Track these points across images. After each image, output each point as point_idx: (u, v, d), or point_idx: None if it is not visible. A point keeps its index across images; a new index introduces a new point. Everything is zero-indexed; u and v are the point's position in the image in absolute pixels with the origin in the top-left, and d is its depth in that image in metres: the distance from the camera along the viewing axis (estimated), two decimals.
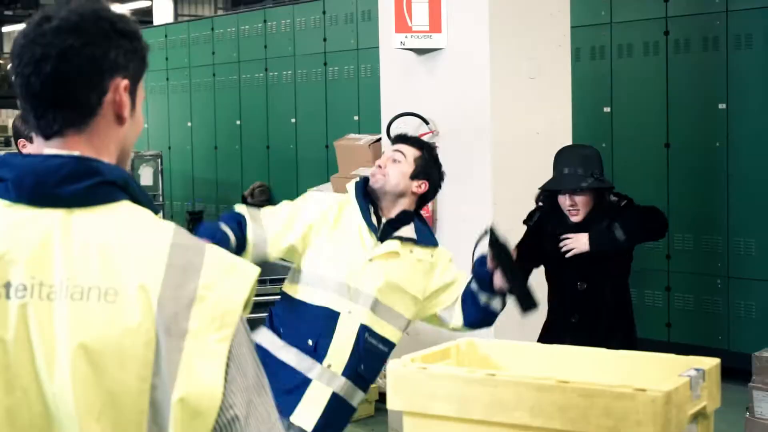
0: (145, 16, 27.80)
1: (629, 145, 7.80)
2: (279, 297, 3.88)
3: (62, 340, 1.51)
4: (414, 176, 3.96)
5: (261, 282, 4.45)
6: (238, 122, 11.40)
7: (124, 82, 1.65)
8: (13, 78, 1.64)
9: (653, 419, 1.83)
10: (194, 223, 11.62)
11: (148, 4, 26.87)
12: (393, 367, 2.06)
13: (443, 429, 2.03)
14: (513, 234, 5.49)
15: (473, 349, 2.28)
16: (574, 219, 4.63)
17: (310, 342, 3.57)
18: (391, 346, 3.70)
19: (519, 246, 4.46)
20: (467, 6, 5.60)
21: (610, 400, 1.87)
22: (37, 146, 1.64)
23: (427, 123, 5.81)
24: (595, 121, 7.84)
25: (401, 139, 4.13)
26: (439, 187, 4.10)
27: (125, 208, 1.60)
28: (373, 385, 7.11)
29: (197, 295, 1.53)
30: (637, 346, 4.47)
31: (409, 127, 5.88)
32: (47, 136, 1.63)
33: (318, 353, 3.54)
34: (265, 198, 10.80)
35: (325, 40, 10.08)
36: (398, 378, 2.04)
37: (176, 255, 1.55)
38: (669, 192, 7.63)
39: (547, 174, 5.72)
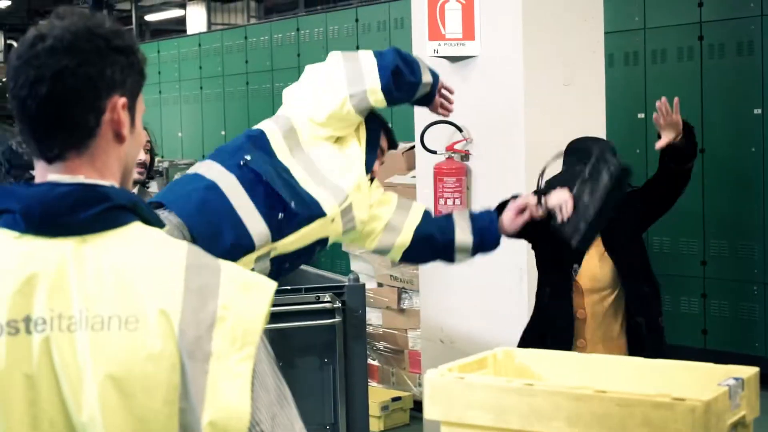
0: (178, 25, 27.98)
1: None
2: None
3: (87, 370, 1.50)
4: None
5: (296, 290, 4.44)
6: None
7: (122, 100, 1.63)
8: (9, 100, 1.61)
9: (692, 429, 1.82)
10: None
11: (182, 13, 27.02)
12: (430, 376, 2.06)
13: None
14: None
15: (510, 359, 2.28)
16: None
17: None
18: None
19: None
20: (501, 13, 5.60)
21: (649, 410, 1.86)
22: (40, 171, 1.62)
23: (460, 130, 5.80)
24: (629, 127, 7.81)
25: None
26: None
27: (136, 230, 1.59)
28: (407, 394, 7.13)
29: (217, 316, 1.52)
30: (664, 345, 4.35)
31: (442, 134, 5.88)
32: (49, 160, 1.60)
33: None
34: None
35: (357, 47, 10.09)
36: (435, 388, 2.04)
37: (193, 277, 1.54)
38: (704, 198, 7.59)
39: None
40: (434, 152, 5.86)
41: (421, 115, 6.08)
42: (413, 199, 6.48)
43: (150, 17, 29.55)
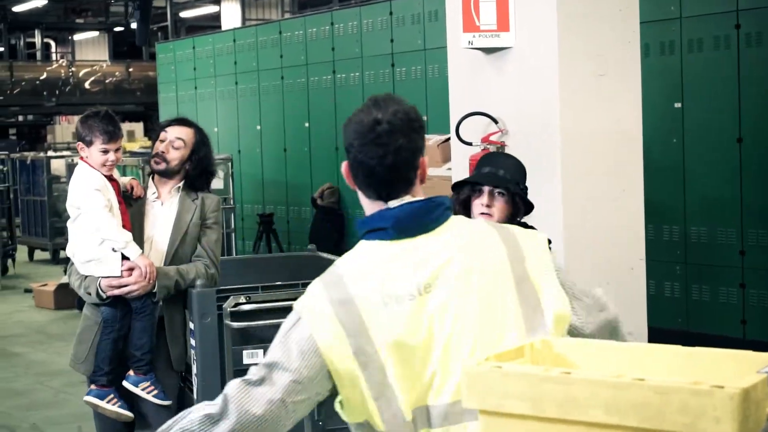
0: (213, 21, 28.07)
1: (701, 140, 7.72)
2: None
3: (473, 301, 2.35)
4: None
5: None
6: (306, 125, 11.47)
7: (425, 158, 2.42)
8: (353, 161, 2.35)
9: (731, 416, 1.82)
10: (264, 225, 11.71)
11: (216, 9, 27.11)
12: (467, 366, 2.06)
13: (517, 427, 2.03)
14: (582, 232, 5.47)
15: (548, 348, 2.28)
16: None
17: None
18: None
19: None
20: (535, 4, 5.58)
21: (687, 397, 1.86)
22: (377, 206, 2.39)
23: (496, 122, 5.80)
24: (666, 116, 7.77)
25: None
26: None
27: (458, 219, 2.43)
28: None
29: (525, 255, 2.42)
30: None
31: (477, 126, 5.88)
32: (387, 200, 2.38)
33: None
34: (335, 200, 10.85)
35: (392, 41, 10.10)
36: (473, 377, 2.05)
37: (504, 237, 2.43)
38: (742, 187, 7.54)
39: (616, 172, 5.69)
40: (469, 144, 5.86)
41: (456, 106, 6.08)
42: (449, 190, 6.48)
43: (185, 14, 29.68)
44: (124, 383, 4.47)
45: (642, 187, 5.76)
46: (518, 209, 4.24)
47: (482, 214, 4.17)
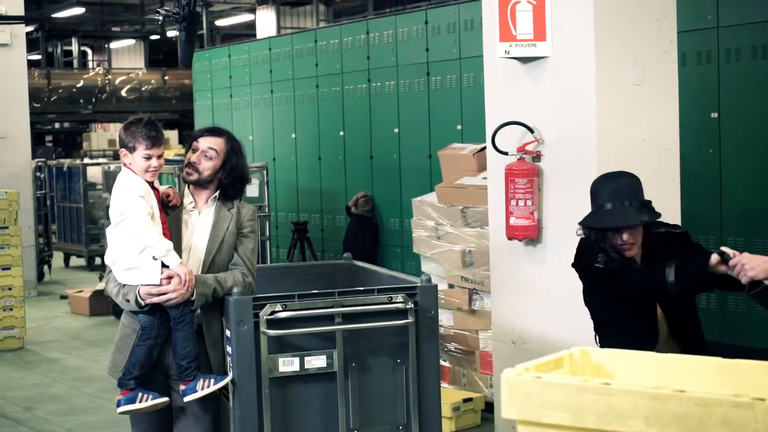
0: (248, 29, 28.20)
1: (738, 150, 7.67)
2: None
3: None
4: None
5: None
6: (341, 133, 11.49)
7: None
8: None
9: None
10: (299, 233, 11.74)
11: (252, 17, 27.23)
12: (507, 376, 2.06)
13: None
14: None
15: (587, 358, 2.28)
16: (629, 254, 4.56)
17: None
18: None
19: (599, 292, 4.51)
20: (572, 13, 5.58)
21: (728, 410, 1.85)
22: None
23: (531, 131, 5.79)
24: (702, 127, 7.73)
25: None
26: None
27: None
28: (479, 395, 7.12)
29: None
30: None
31: (513, 135, 5.88)
32: None
33: None
34: (369, 208, 10.86)
35: (427, 49, 10.11)
36: (512, 387, 2.05)
37: None
38: None
39: (653, 182, 5.67)
40: (505, 153, 5.86)
41: (492, 116, 6.08)
42: (484, 199, 6.48)
43: (220, 22, 29.83)
44: (185, 399, 4.47)
45: (679, 197, 5.75)
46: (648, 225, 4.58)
47: (623, 246, 4.53)
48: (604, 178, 4.75)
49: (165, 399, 4.51)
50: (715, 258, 4.21)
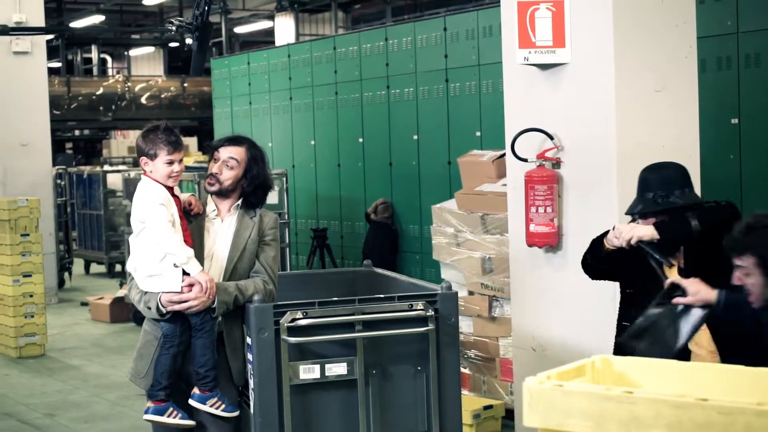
0: (267, 36, 28.26)
1: (758, 156, 7.64)
2: None
3: None
4: None
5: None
6: (360, 140, 11.51)
7: None
8: None
9: None
10: (318, 240, 11.75)
11: (270, 24, 27.30)
12: (528, 384, 2.07)
13: None
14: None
15: (608, 367, 2.28)
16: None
17: None
18: None
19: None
20: (591, 20, 5.58)
21: (752, 418, 1.85)
22: None
23: (551, 138, 5.79)
24: (723, 132, 7.71)
25: None
26: None
27: None
28: (499, 402, 7.11)
29: None
30: None
31: (532, 142, 5.88)
32: None
33: None
34: (389, 215, 10.87)
35: (446, 56, 10.11)
36: (534, 395, 2.05)
37: None
38: None
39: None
40: (525, 160, 5.86)
41: (512, 122, 6.08)
42: (504, 206, 6.48)
43: (239, 29, 29.91)
44: (191, 402, 4.51)
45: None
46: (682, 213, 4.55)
47: None
48: (646, 168, 4.79)
49: (192, 422, 4.54)
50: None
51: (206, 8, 5.90)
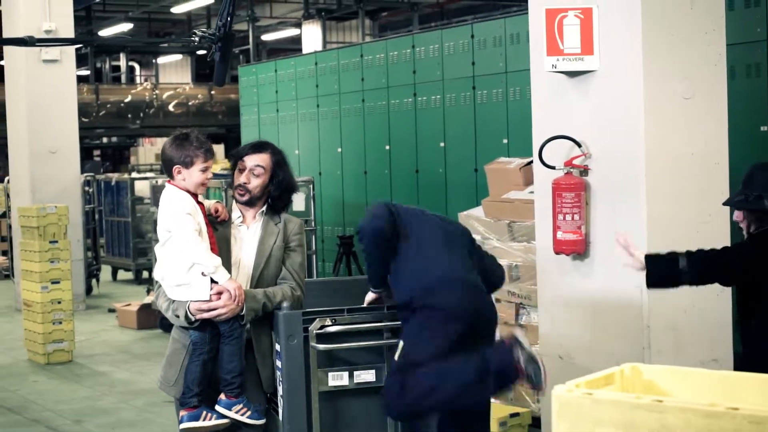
0: (294, 44, 28.33)
1: None
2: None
3: None
4: None
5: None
6: (387, 147, 11.52)
7: None
8: None
9: None
10: (345, 247, 11.76)
11: (297, 32, 27.37)
12: (558, 392, 2.06)
13: None
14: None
15: (638, 375, 2.27)
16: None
17: None
18: None
19: None
20: (620, 27, 5.56)
21: None
22: None
23: (579, 146, 5.78)
24: (752, 140, 7.67)
25: None
26: None
27: None
28: (526, 410, 7.09)
29: None
30: None
31: (560, 149, 5.87)
32: None
33: None
34: None
35: (473, 63, 10.12)
36: (563, 404, 2.05)
37: None
38: None
39: (703, 195, 5.64)
40: (552, 167, 5.85)
41: (539, 130, 6.07)
42: (531, 214, 6.47)
43: (266, 37, 30.01)
44: (217, 408, 4.52)
45: (728, 212, 5.70)
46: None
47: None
48: (757, 165, 4.79)
49: (226, 421, 4.54)
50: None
51: (229, 19, 5.93)
